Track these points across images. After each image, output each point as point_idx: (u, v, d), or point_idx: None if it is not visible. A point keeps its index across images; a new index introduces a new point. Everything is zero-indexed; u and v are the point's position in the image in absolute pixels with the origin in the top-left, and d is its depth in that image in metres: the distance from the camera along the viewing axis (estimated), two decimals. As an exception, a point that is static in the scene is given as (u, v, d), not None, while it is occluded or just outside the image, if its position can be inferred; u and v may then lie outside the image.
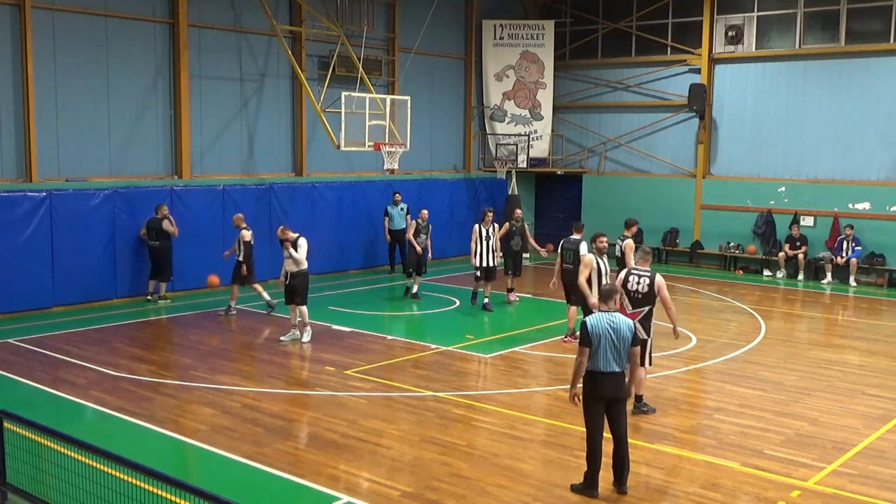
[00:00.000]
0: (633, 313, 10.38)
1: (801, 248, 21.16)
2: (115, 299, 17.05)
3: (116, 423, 10.00)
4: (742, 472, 8.71)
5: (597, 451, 8.01)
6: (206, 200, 18.45)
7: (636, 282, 10.57)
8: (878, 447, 9.51)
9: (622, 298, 10.30)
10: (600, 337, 7.95)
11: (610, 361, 7.96)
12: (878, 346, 14.59)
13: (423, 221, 17.95)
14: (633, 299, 10.55)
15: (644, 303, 10.53)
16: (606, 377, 7.97)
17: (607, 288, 8.37)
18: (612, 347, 7.96)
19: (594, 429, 8.02)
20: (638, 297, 10.54)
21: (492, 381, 11.99)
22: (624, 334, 7.99)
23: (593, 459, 8.04)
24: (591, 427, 8.04)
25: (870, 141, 21.24)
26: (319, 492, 8.09)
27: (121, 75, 17.52)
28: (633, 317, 10.08)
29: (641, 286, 10.53)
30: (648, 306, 10.55)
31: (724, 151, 23.61)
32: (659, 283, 10.51)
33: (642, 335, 10.23)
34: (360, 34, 20.47)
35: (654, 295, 10.52)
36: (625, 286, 10.53)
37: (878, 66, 21.06)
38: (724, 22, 23.20)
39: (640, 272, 10.66)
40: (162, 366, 12.73)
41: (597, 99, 25.87)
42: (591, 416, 8.04)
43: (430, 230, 18.07)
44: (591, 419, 8.04)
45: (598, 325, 7.98)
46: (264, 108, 20.21)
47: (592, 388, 8.01)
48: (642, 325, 10.43)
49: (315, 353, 13.41)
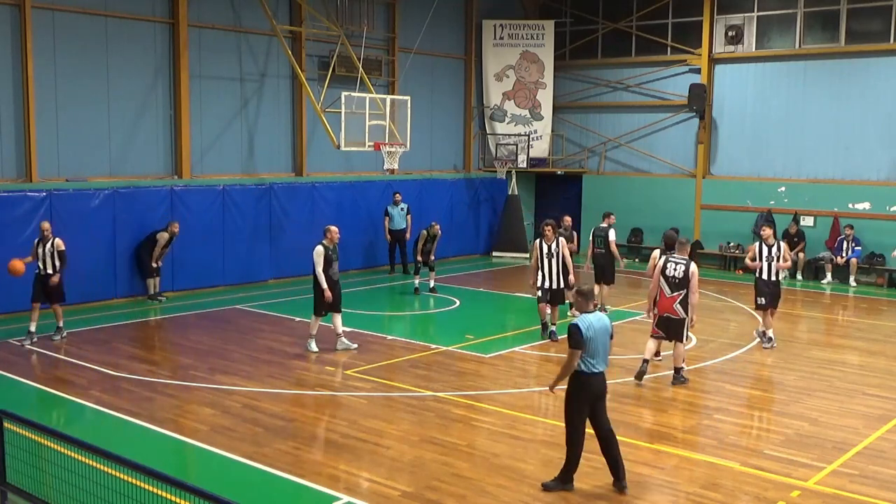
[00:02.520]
0: (671, 297, 11.71)
1: (800, 245, 21.13)
2: (115, 299, 17.06)
3: (116, 423, 10.00)
4: (742, 472, 8.71)
5: (580, 448, 8.14)
6: (206, 200, 18.45)
7: (673, 268, 11.74)
8: (878, 447, 9.51)
9: (660, 283, 11.76)
10: (594, 339, 8.01)
11: (599, 362, 8.07)
12: (877, 346, 14.58)
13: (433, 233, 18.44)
14: (670, 284, 11.73)
15: (680, 287, 11.68)
16: (596, 377, 8.07)
17: (588, 289, 8.47)
18: (602, 348, 8.08)
19: (581, 427, 8.12)
20: (675, 281, 11.71)
21: (492, 381, 11.99)
22: (609, 334, 8.18)
23: (576, 456, 8.15)
24: (578, 426, 8.12)
25: (870, 141, 21.24)
26: (319, 492, 8.09)
27: (121, 75, 17.52)
28: (672, 300, 11.66)
29: (678, 272, 11.68)
30: (684, 290, 11.67)
31: (724, 151, 23.62)
32: (693, 270, 11.68)
33: (682, 314, 11.71)
34: (360, 34, 20.47)
35: (688, 280, 11.65)
36: (663, 272, 11.75)
37: (879, 66, 21.06)
38: (724, 22, 23.20)
39: (677, 260, 11.83)
40: (162, 366, 12.73)
41: (597, 99, 25.87)
42: (579, 416, 8.11)
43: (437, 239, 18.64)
44: (579, 418, 8.11)
45: (591, 327, 8.04)
46: (264, 108, 20.21)
47: (583, 389, 8.06)
48: (681, 306, 11.71)
49: (316, 352, 13.39)
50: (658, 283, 11.87)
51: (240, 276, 19.14)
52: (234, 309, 16.75)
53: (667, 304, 11.79)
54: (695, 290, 11.70)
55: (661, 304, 11.86)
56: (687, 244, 12.21)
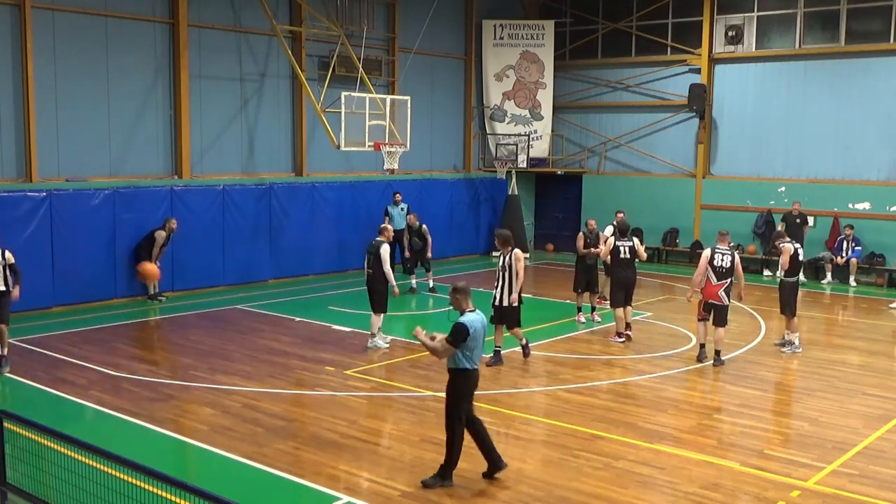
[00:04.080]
0: (717, 284, 12.88)
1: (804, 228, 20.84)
2: (115, 299, 17.05)
3: (116, 423, 10.00)
4: (742, 472, 8.71)
5: (460, 444, 8.21)
6: (206, 200, 18.45)
7: (720, 259, 12.94)
8: (877, 447, 9.51)
9: (707, 272, 12.88)
10: (476, 338, 8.16)
11: (478, 359, 8.28)
12: (877, 346, 14.58)
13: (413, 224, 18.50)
14: (717, 273, 12.91)
15: (727, 276, 12.89)
16: (477, 372, 8.30)
17: (463, 286, 8.56)
18: (480, 346, 8.27)
19: (462, 423, 8.22)
20: (722, 270, 12.89)
21: (491, 380, 11.98)
22: (485, 328, 8.39)
23: (457, 452, 8.21)
24: (461, 422, 8.22)
25: (870, 141, 21.24)
26: (319, 492, 8.09)
27: (121, 75, 17.52)
28: (718, 287, 12.85)
29: (725, 262, 12.89)
30: (730, 278, 12.92)
31: (724, 151, 23.62)
32: (737, 260, 13.02)
33: (725, 301, 12.95)
34: (360, 34, 20.47)
35: (733, 270, 12.91)
36: (711, 263, 12.91)
37: (878, 66, 21.06)
38: (724, 22, 23.20)
39: (722, 251, 13.01)
40: (162, 366, 12.73)
41: (597, 99, 25.87)
42: (462, 412, 8.23)
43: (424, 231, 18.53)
44: (462, 415, 8.22)
45: (474, 326, 8.18)
46: (264, 108, 20.21)
47: (467, 384, 8.22)
48: (725, 293, 12.93)
49: (315, 352, 13.41)
50: (705, 272, 12.93)
51: (240, 276, 19.14)
52: (234, 309, 16.75)
53: (713, 291, 12.93)
54: (741, 275, 13.15)
55: (708, 291, 12.99)
56: (727, 235, 13.35)
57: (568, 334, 15.00)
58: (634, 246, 14.50)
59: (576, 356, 13.47)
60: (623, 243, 14.43)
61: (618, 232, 14.77)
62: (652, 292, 19.56)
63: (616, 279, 14.52)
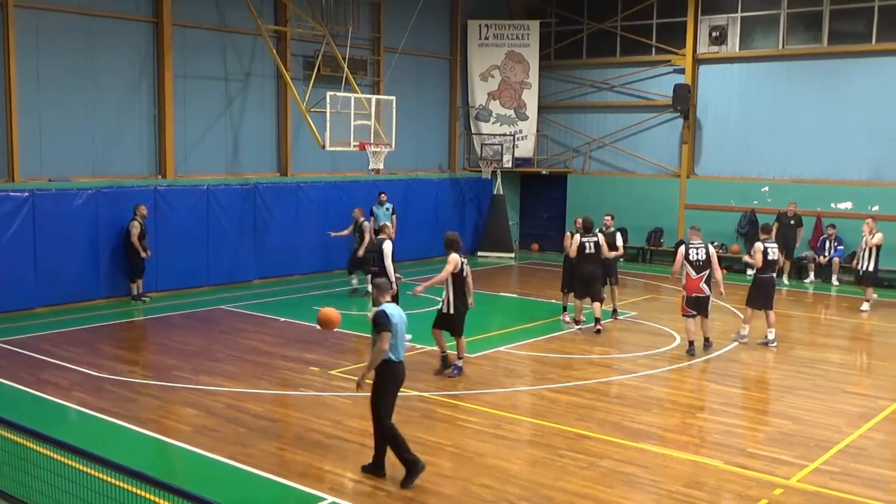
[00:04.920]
0: (698, 277, 13.34)
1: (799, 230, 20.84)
2: (99, 300, 16.96)
3: (99, 425, 9.94)
4: (725, 470, 8.75)
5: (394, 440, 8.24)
6: (190, 200, 18.38)
7: (696, 253, 13.43)
8: (859, 445, 9.58)
9: (686, 268, 13.31)
10: (397, 326, 8.22)
11: (402, 350, 8.36)
12: (859, 345, 14.68)
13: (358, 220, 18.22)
14: (695, 266, 13.39)
15: (705, 268, 13.37)
16: (402, 365, 8.36)
17: (381, 281, 8.64)
18: (401, 338, 8.34)
19: (390, 418, 8.29)
20: (699, 264, 13.37)
21: (477, 380, 11.99)
22: (405, 322, 8.42)
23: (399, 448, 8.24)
24: (390, 414, 8.30)
25: (852, 141, 21.38)
26: (304, 492, 8.07)
27: (104, 75, 17.43)
28: (699, 280, 13.30)
29: (700, 255, 13.39)
30: (708, 270, 13.37)
31: (708, 151, 23.72)
32: (712, 251, 13.57)
33: (707, 292, 13.43)
34: (345, 34, 20.43)
35: (710, 261, 13.37)
36: (687, 258, 13.38)
37: (861, 67, 21.22)
38: (709, 22, 23.30)
39: (696, 245, 13.54)
40: (145, 366, 12.68)
41: (581, 99, 25.93)
42: (392, 404, 8.35)
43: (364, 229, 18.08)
44: (390, 408, 8.32)
45: (395, 314, 8.25)
46: (249, 107, 20.15)
47: (393, 376, 8.31)
48: (706, 284, 13.41)
49: (299, 353, 13.38)
50: (682, 267, 13.35)
51: (224, 276, 19.07)
52: (219, 309, 16.69)
53: (694, 284, 13.39)
54: (717, 267, 13.47)
55: (690, 285, 13.40)
56: (699, 230, 13.97)
57: (553, 334, 15.02)
58: (599, 242, 15.12)
59: (561, 356, 13.50)
60: (588, 239, 15.01)
61: (582, 229, 15.22)
62: (636, 292, 19.62)
63: (581, 274, 15.06)
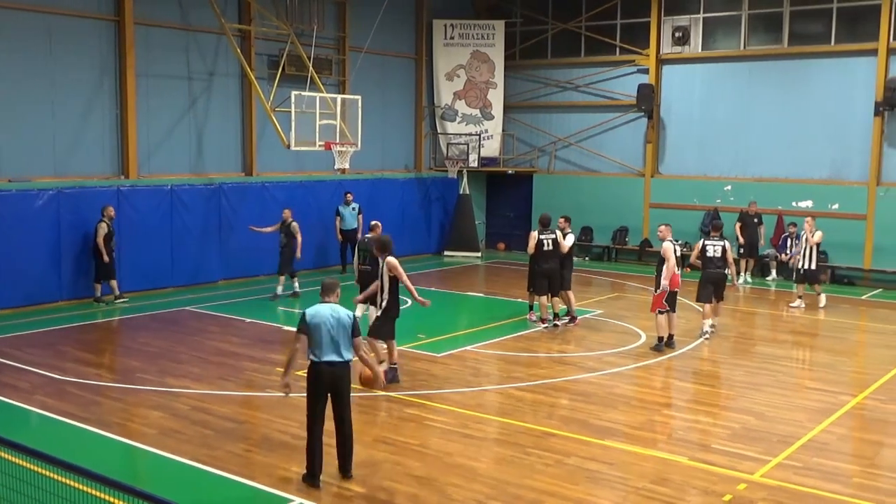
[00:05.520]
0: (679, 273, 13.85)
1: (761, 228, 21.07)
2: (61, 301, 16.73)
3: (62, 428, 9.81)
4: (691, 466, 8.84)
5: (315, 444, 8.12)
6: (153, 201, 18.20)
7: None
8: (821, 440, 9.73)
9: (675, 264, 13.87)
10: (318, 327, 8.01)
11: (325, 352, 8.05)
12: (821, 342, 14.91)
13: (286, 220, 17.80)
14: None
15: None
16: (324, 366, 8.08)
17: (329, 281, 8.38)
18: (328, 338, 8.04)
19: (313, 420, 8.13)
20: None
21: (444, 380, 12.00)
22: (344, 326, 8.06)
23: (311, 451, 8.14)
24: (311, 416, 8.14)
25: (812, 140, 21.70)
26: (271, 494, 8.03)
27: (65, 73, 17.19)
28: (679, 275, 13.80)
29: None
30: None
31: (672, 151, 23.95)
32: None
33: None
34: (309, 33, 20.34)
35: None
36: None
37: (820, 67, 21.54)
38: (672, 23, 23.53)
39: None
40: (109, 369, 12.53)
41: (547, 99, 26.05)
42: (313, 406, 8.14)
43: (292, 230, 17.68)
44: (312, 408, 8.14)
45: (317, 315, 8.05)
46: (213, 107, 19.98)
47: (314, 377, 8.12)
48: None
49: (266, 354, 13.30)
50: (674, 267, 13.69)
51: (189, 277, 18.90)
52: (184, 310, 16.54)
53: (678, 279, 13.84)
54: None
55: (675, 280, 13.75)
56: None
57: (520, 333, 15.08)
58: (557, 238, 15.30)
59: (528, 354, 13.55)
60: (546, 236, 15.17)
61: (540, 225, 15.37)
62: (602, 290, 19.76)
63: (540, 270, 15.24)
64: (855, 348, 15.28)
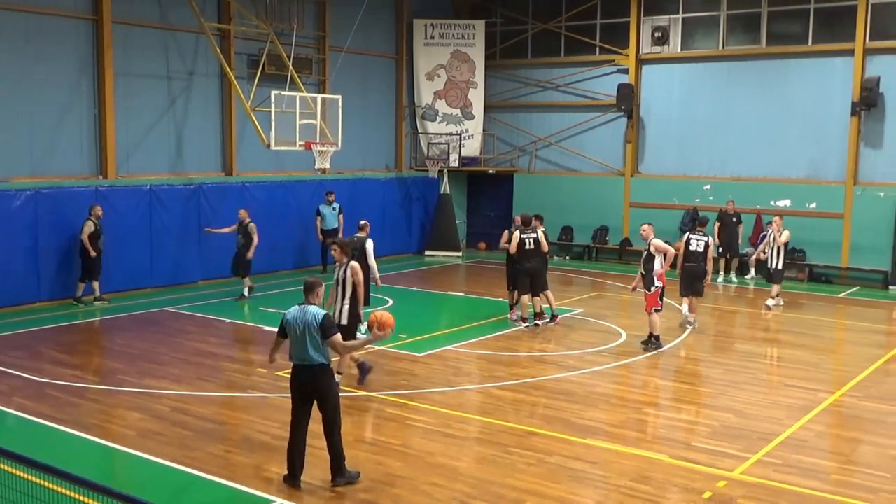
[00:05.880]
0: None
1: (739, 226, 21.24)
2: (39, 302, 16.58)
3: (40, 431, 9.72)
4: (671, 464, 8.89)
5: (294, 446, 8.12)
6: (132, 201, 18.07)
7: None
8: (800, 437, 9.81)
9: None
10: (290, 328, 8.07)
11: (296, 352, 8.07)
12: (799, 339, 15.03)
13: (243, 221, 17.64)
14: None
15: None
16: (297, 368, 8.12)
17: (309, 281, 8.35)
18: (297, 340, 8.03)
19: (294, 422, 8.17)
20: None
21: (425, 379, 12.00)
22: (314, 328, 7.97)
23: (290, 452, 8.15)
24: (291, 420, 8.19)
25: (790, 140, 21.87)
26: (252, 495, 8.00)
27: (43, 73, 17.04)
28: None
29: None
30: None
31: (652, 150, 24.06)
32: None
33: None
34: (289, 32, 20.28)
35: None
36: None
37: (798, 67, 21.71)
38: (651, 23, 23.63)
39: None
40: (88, 370, 12.44)
41: (527, 98, 26.10)
42: (292, 410, 8.19)
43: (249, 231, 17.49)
44: (292, 412, 8.19)
45: (290, 315, 8.12)
46: (193, 106, 19.88)
47: (292, 378, 8.20)
48: None
49: (246, 354, 13.26)
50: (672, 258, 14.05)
51: (168, 277, 18.79)
52: (163, 311, 16.45)
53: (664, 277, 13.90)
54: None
55: (662, 278, 13.81)
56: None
57: (501, 332, 15.10)
58: (538, 237, 15.31)
59: (509, 354, 13.57)
60: (527, 235, 15.22)
61: (521, 224, 15.40)
62: (582, 289, 19.82)
63: (522, 269, 15.25)
64: (833, 346, 15.42)
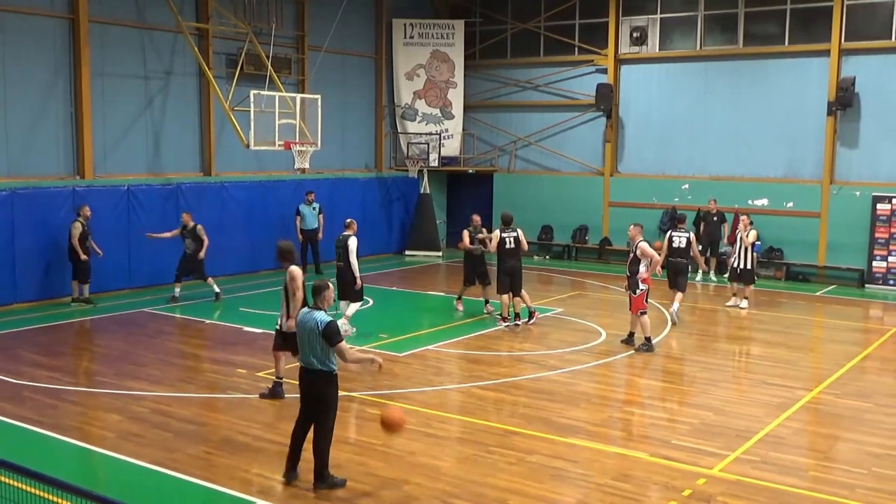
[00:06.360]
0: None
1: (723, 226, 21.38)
2: (16, 304, 16.43)
3: (18, 433, 9.64)
4: (651, 462, 8.95)
5: (292, 444, 8.22)
6: (110, 201, 17.95)
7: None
8: (778, 434, 9.90)
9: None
10: (299, 330, 8.13)
11: (304, 357, 8.08)
12: (777, 338, 15.15)
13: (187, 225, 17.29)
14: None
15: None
16: (301, 370, 8.17)
17: (316, 284, 8.21)
18: (302, 343, 8.08)
19: (297, 419, 8.26)
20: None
21: (406, 379, 12.01)
22: (315, 332, 7.88)
23: (289, 450, 8.25)
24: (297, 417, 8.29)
25: (767, 139, 22.05)
26: (233, 496, 7.97)
27: (18, 72, 16.88)
28: None
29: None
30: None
31: (631, 150, 24.18)
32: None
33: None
34: (268, 32, 20.22)
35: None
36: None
37: (775, 68, 21.89)
38: (630, 23, 23.74)
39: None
40: (67, 372, 12.34)
41: (507, 98, 26.15)
42: (300, 408, 8.27)
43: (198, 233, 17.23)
44: (300, 411, 8.26)
45: (300, 318, 8.15)
46: (171, 106, 19.76)
47: (299, 380, 8.26)
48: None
49: (226, 355, 13.20)
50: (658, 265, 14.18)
51: (147, 278, 18.66)
52: (142, 312, 16.35)
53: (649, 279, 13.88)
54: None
55: (647, 280, 13.77)
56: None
57: (481, 331, 15.13)
58: (519, 237, 15.30)
59: (489, 353, 13.60)
60: (508, 234, 15.22)
61: (502, 223, 15.47)
62: (562, 289, 19.89)
63: (502, 268, 15.28)
64: (810, 344, 15.56)
